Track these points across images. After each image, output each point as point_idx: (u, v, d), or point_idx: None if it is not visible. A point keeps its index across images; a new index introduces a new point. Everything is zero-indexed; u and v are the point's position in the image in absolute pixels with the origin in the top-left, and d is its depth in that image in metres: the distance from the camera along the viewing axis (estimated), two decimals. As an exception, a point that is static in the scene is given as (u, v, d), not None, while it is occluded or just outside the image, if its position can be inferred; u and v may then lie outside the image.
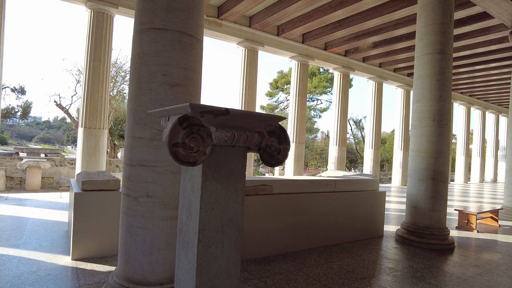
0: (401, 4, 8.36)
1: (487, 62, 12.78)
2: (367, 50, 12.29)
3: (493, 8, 7.29)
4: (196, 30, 2.85)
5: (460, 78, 15.65)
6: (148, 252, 2.57)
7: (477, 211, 6.44)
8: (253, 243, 3.94)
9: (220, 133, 1.53)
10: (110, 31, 8.26)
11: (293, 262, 3.91)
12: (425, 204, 5.02)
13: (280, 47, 11.25)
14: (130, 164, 2.67)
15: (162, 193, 2.59)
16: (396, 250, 4.71)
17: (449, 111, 5.15)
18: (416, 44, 5.44)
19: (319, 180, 4.84)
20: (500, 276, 3.84)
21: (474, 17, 8.93)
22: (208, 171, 1.65)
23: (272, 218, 4.12)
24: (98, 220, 3.66)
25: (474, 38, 10.26)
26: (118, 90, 21.18)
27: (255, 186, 3.96)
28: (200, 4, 2.91)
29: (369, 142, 14.80)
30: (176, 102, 2.63)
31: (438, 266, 4.09)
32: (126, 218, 2.64)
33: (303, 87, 12.20)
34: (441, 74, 5.07)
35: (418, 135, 5.17)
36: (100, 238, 3.68)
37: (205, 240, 1.71)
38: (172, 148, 1.45)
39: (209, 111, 1.51)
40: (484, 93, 19.08)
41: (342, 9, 8.76)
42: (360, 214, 5.12)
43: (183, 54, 2.73)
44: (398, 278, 3.63)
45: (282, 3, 8.92)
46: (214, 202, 1.70)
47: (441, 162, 5.02)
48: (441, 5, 5.14)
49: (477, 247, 5.15)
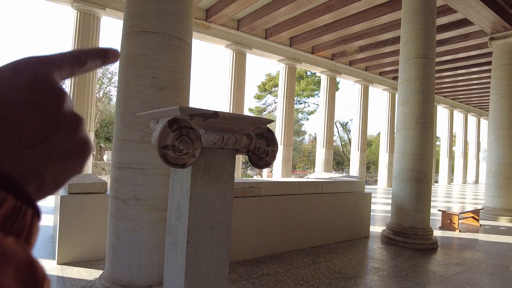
0: (386, 9, 8.55)
1: (469, 66, 13.16)
2: (354, 54, 12.49)
3: (473, 15, 7.54)
4: (185, 34, 2.87)
5: (443, 82, 16.06)
6: (136, 254, 2.56)
7: (459, 211, 6.62)
8: (241, 244, 3.96)
9: (209, 136, 1.56)
10: (97, 33, 8.18)
11: (281, 263, 3.95)
12: (410, 205, 5.14)
13: (268, 50, 11.34)
14: (118, 167, 2.67)
15: (151, 195, 2.60)
16: (382, 250, 4.80)
17: (432, 114, 5.29)
18: (400, 48, 5.58)
19: (306, 182, 4.90)
20: (480, 274, 3.97)
21: (456, 24, 9.20)
22: (197, 173, 1.67)
23: (260, 220, 4.16)
24: (85, 224, 3.62)
25: (456, 44, 10.56)
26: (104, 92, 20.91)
27: (243, 188, 3.99)
28: (190, 8, 2.93)
29: (355, 144, 15.02)
30: (165, 105, 2.64)
31: (422, 265, 4.19)
32: (114, 221, 2.63)
33: (291, 90, 12.31)
34: (425, 78, 5.22)
35: (402, 138, 5.30)
36: (87, 242, 3.64)
37: (194, 241, 1.73)
38: (161, 150, 1.47)
39: (199, 114, 1.54)
40: (466, 97, 19.62)
41: (329, 14, 8.90)
42: (346, 215, 5.20)
43: (172, 57, 2.75)
44: (384, 278, 3.71)
45: (270, 7, 9.01)
46: (203, 204, 1.73)
47: (425, 164, 5.16)
48: (424, 11, 5.30)
49: (459, 246, 5.29)
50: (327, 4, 8.71)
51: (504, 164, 8.20)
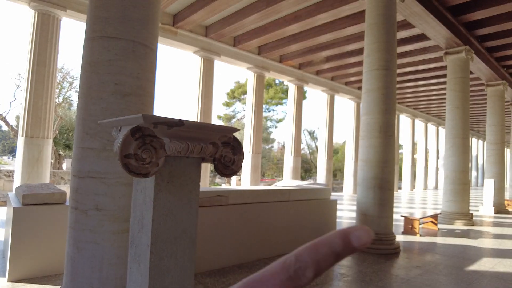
0: (351, 21, 8.90)
1: (428, 78, 13.94)
2: (320, 63, 12.85)
3: (429, 31, 8.03)
4: (150, 40, 2.83)
5: (406, 92, 16.89)
6: (97, 267, 2.45)
7: (419, 216, 6.94)
8: (208, 254, 3.90)
9: (174, 144, 1.53)
10: (57, 35, 7.83)
11: (248, 272, 3.92)
12: (374, 211, 5.31)
13: (237, 58, 11.39)
14: (78, 176, 2.55)
15: (113, 205, 2.50)
16: (348, 256, 4.91)
17: (394, 123, 5.54)
18: (364, 60, 5.82)
19: (274, 189, 4.93)
20: (437, 275, 4.17)
21: (415, 38, 9.74)
22: (161, 183, 1.63)
23: (228, 229, 4.12)
24: (41, 237, 3.41)
25: (416, 56, 11.18)
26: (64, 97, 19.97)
27: (210, 197, 3.94)
28: (156, 15, 2.90)
29: (322, 152, 15.37)
30: (129, 112, 2.57)
31: (385, 270, 4.34)
32: (74, 232, 2.50)
33: (260, 98, 12.42)
34: (386, 89, 5.46)
35: (366, 146, 5.49)
36: (43, 256, 3.43)
37: (158, 252, 1.68)
38: (123, 159, 1.42)
39: (163, 122, 1.51)
40: (426, 107, 20.76)
41: (297, 24, 9.12)
42: (313, 222, 5.29)
43: (137, 64, 2.70)
44: (349, 283, 3.79)
45: (238, 14, 9.08)
46: (167, 214, 1.69)
47: (388, 171, 5.37)
48: (385, 25, 5.57)
49: (419, 250, 5.54)
50: (295, 15, 8.93)
51: (459, 171, 8.72)
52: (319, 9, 8.33)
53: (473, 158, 32.47)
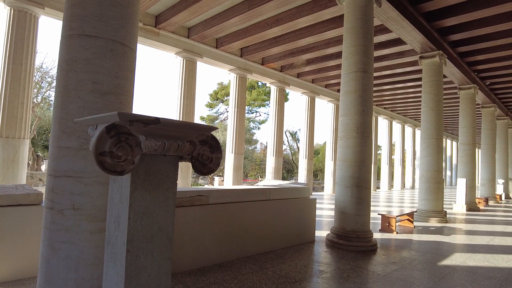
0: (331, 25, 9.07)
1: (405, 81, 14.35)
2: (301, 66, 13.03)
3: (405, 35, 8.30)
4: (129, 39, 2.83)
5: (384, 95, 17.32)
6: (73, 268, 2.42)
7: (396, 214, 7.15)
8: (188, 254, 3.90)
9: (150, 142, 1.55)
10: (34, 33, 7.63)
11: (228, 271, 3.95)
12: (351, 210, 5.45)
13: (219, 59, 11.41)
14: (54, 175, 2.52)
15: (90, 205, 2.49)
16: (326, 254, 5.02)
17: (370, 124, 5.70)
18: (342, 62, 5.96)
19: (254, 189, 4.98)
20: (412, 270, 4.32)
21: (392, 42, 10.03)
22: (137, 181, 1.65)
23: (208, 229, 4.14)
24: (15, 239, 3.33)
25: (394, 60, 11.50)
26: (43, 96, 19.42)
27: (191, 196, 3.95)
28: (135, 14, 2.90)
29: (303, 153, 15.56)
30: (107, 111, 2.56)
31: (363, 266, 4.46)
32: (49, 233, 2.47)
33: (242, 100, 12.47)
34: (364, 91, 5.62)
35: (344, 146, 5.63)
36: (17, 259, 3.34)
37: (134, 250, 1.70)
38: (98, 157, 1.44)
39: (139, 120, 1.53)
40: (403, 109, 21.34)
41: (278, 27, 9.23)
42: (293, 220, 5.37)
43: (115, 63, 2.69)
44: (327, 280, 3.88)
45: (220, 16, 9.11)
46: (143, 212, 1.71)
47: (364, 171, 5.52)
48: (362, 29, 5.73)
49: (395, 247, 5.71)
50: (276, 18, 9.03)
51: (433, 170, 9.04)
52: (300, 13, 8.46)
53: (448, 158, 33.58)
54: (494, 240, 6.62)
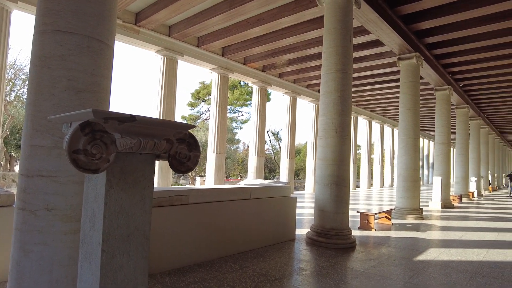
0: (312, 26, 9.17)
1: (384, 82, 14.68)
2: (283, 66, 13.11)
3: (383, 37, 8.50)
4: (106, 36, 2.77)
5: (363, 95, 17.65)
6: (47, 270, 2.36)
7: (374, 212, 7.31)
8: (168, 254, 3.87)
9: (125, 140, 1.53)
10: (7, 28, 7.36)
11: (209, 270, 3.94)
12: (331, 208, 5.53)
13: (201, 58, 11.33)
14: (27, 175, 2.45)
15: (65, 205, 2.43)
16: (306, 252, 5.08)
17: (349, 123, 5.81)
18: (322, 63, 6.04)
19: (235, 188, 4.99)
20: (389, 266, 4.44)
21: (372, 43, 10.24)
22: (112, 179, 1.63)
23: (189, 228, 4.11)
24: (-15, 241, 3.21)
25: (373, 61, 11.73)
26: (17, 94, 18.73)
27: (170, 196, 3.92)
28: (112, 11, 2.84)
29: (285, 152, 15.67)
30: (82, 109, 2.50)
31: (341, 263, 4.54)
32: (21, 234, 2.39)
33: (224, 99, 12.43)
34: (343, 91, 5.72)
35: (323, 145, 5.71)
36: (-12, 262, 3.22)
37: (110, 250, 1.67)
38: (72, 154, 1.41)
39: (114, 117, 1.51)
40: (382, 109, 21.83)
41: (260, 27, 9.25)
42: (273, 219, 5.41)
43: (92, 60, 2.63)
44: (307, 277, 3.93)
45: (202, 15, 9.04)
46: (119, 211, 1.68)
47: (343, 169, 5.62)
48: (342, 30, 5.83)
49: (374, 244, 5.84)
50: (258, 18, 9.05)
51: (411, 169, 9.29)
52: (282, 13, 8.51)
53: (425, 157, 34.58)
54: (466, 235, 6.88)
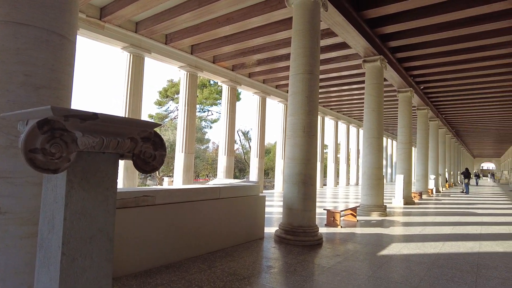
0: (281, 27, 9.27)
1: (350, 83, 15.13)
2: (252, 66, 13.15)
3: (349, 40, 8.77)
4: (68, 31, 2.66)
5: (330, 96, 18.10)
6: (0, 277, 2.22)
7: (340, 209, 7.53)
8: (134, 256, 3.77)
9: (87, 139, 1.48)
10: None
11: (176, 271, 3.89)
12: (298, 206, 5.64)
13: (169, 56, 11.11)
14: (-23, 176, 2.29)
15: (21, 207, 2.30)
16: (275, 250, 5.14)
17: (316, 124, 5.94)
18: (290, 64, 6.13)
19: (204, 188, 4.95)
20: (354, 261, 4.59)
21: (339, 45, 10.51)
22: (73, 179, 1.56)
23: (155, 230, 4.03)
24: None
25: (340, 63, 12.05)
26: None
27: (136, 197, 3.82)
28: (73, 3, 2.73)
29: (254, 151, 15.75)
30: (41, 106, 2.38)
31: (308, 260, 4.64)
32: (-29, 240, 2.24)
33: (192, 98, 12.27)
34: (310, 92, 5.84)
35: (291, 145, 5.81)
36: None
37: (71, 253, 1.61)
38: (28, 154, 1.34)
39: (75, 115, 1.45)
40: (349, 110, 22.52)
41: (229, 26, 9.21)
42: (242, 218, 5.42)
43: (51, 55, 2.51)
44: (275, 275, 3.98)
45: (171, 12, 8.87)
46: (81, 212, 1.62)
47: (310, 168, 5.74)
48: (309, 32, 5.95)
49: (340, 240, 6.02)
50: (227, 16, 9.01)
51: (375, 167, 9.66)
52: (251, 13, 8.53)
53: (388, 156, 36.05)
54: (425, 230, 7.27)
